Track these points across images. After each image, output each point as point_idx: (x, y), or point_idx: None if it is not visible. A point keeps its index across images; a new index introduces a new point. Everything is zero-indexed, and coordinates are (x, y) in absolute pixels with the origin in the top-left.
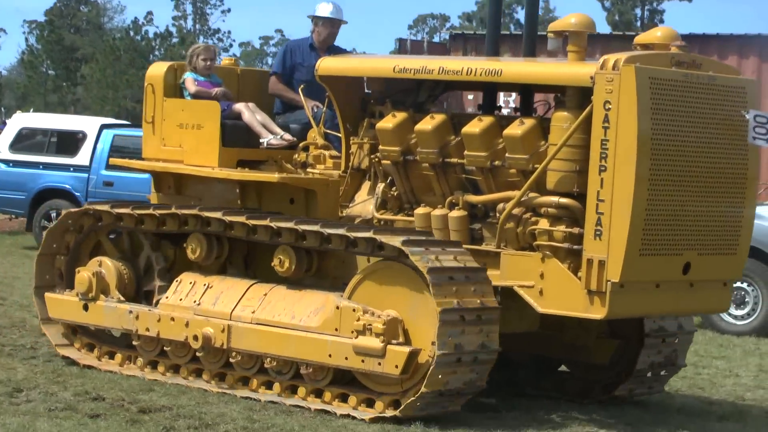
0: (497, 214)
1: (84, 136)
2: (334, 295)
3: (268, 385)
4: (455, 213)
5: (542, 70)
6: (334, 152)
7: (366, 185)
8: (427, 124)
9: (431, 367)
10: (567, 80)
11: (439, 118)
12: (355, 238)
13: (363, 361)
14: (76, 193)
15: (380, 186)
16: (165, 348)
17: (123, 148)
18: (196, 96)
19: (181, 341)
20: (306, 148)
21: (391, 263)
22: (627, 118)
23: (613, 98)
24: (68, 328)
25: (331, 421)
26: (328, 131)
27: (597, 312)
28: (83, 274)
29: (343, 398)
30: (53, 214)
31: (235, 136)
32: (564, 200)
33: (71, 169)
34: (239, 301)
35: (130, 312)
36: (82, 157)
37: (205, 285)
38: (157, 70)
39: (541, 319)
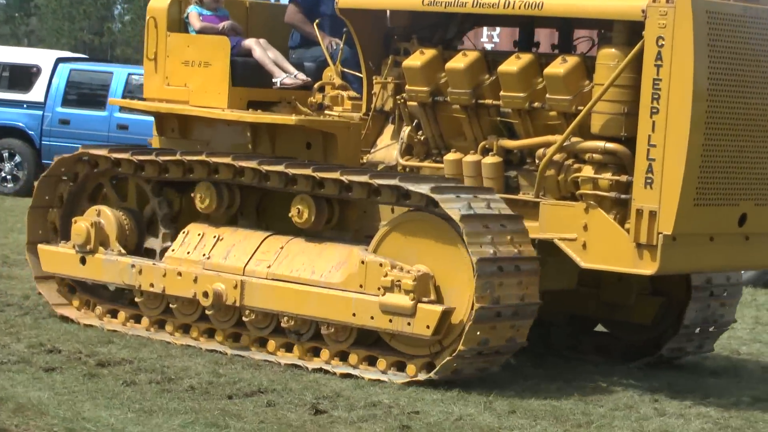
0: (536, 161)
1: (38, 70)
2: (358, 249)
3: (288, 348)
4: (489, 159)
5: (587, 3)
6: (352, 93)
7: (389, 129)
8: (459, 62)
9: (469, 323)
10: (615, 14)
11: (473, 55)
12: (379, 185)
13: (391, 320)
14: (30, 132)
15: (405, 130)
16: (171, 306)
17: (80, 84)
18: (201, 32)
19: (189, 298)
20: (322, 89)
21: (420, 214)
22: (682, 55)
23: (666, 34)
24: (64, 285)
25: (301, 376)
26: (346, 70)
27: (647, 267)
28: (80, 225)
29: (371, 361)
30: (5, 154)
31: (246, 74)
32: (611, 145)
33: (24, 105)
34: (253, 254)
35: (132, 266)
36: (37, 93)
37: (215, 237)
38: (160, 2)
39: (579, 275)
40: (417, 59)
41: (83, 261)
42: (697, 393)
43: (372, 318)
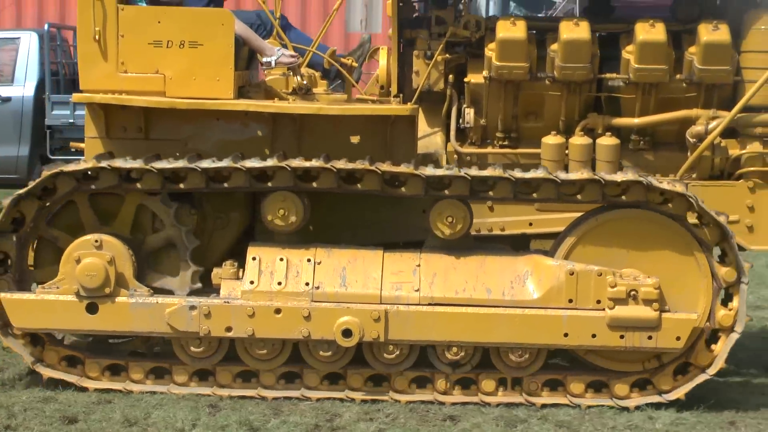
0: (641, 140)
1: None
2: (542, 259)
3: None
4: (608, 140)
5: None
6: (312, 72)
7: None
8: (581, 32)
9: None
10: None
11: (585, 24)
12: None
13: (622, 336)
14: None
15: (469, 112)
16: (259, 353)
17: None
18: (157, 2)
19: (300, 339)
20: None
21: (626, 212)
22: None
23: None
24: (26, 340)
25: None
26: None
27: None
28: (94, 262)
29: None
30: None
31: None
32: None
33: None
34: (382, 277)
35: (192, 308)
36: None
37: (309, 261)
38: None
39: None
40: (517, 31)
41: (93, 309)
42: None
43: (594, 336)
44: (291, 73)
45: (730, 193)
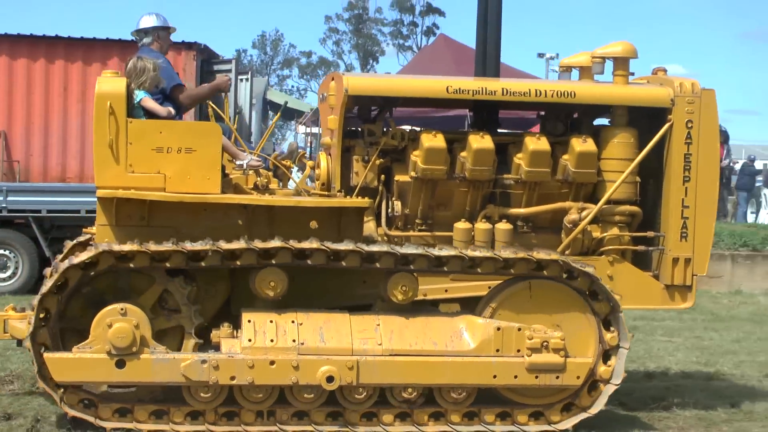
0: (525, 225)
1: None
2: (473, 318)
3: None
4: (504, 226)
5: (621, 92)
6: (266, 172)
7: None
8: (486, 143)
9: (617, 363)
10: (647, 101)
11: (489, 137)
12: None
13: (537, 377)
14: None
15: (397, 203)
16: (252, 398)
17: None
18: (167, 117)
19: (286, 385)
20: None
21: (527, 282)
22: (709, 135)
23: (695, 118)
24: (79, 399)
25: None
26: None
27: (681, 303)
28: (123, 326)
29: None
30: None
31: None
32: (634, 208)
33: None
34: (351, 334)
35: (204, 362)
36: None
37: (293, 322)
38: (114, 86)
39: None
40: (437, 141)
41: (121, 365)
42: None
43: (516, 377)
44: (250, 172)
45: (594, 266)
